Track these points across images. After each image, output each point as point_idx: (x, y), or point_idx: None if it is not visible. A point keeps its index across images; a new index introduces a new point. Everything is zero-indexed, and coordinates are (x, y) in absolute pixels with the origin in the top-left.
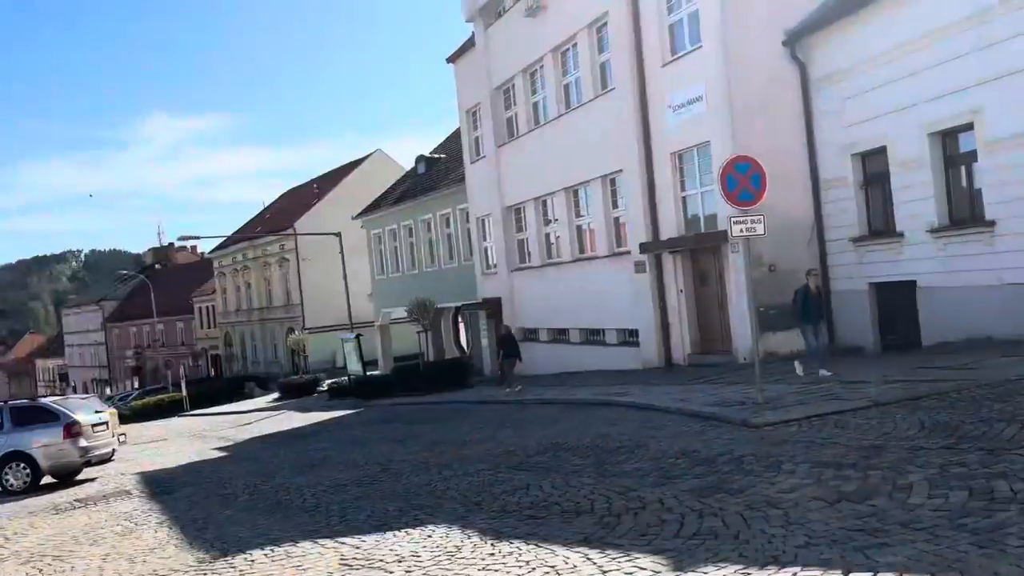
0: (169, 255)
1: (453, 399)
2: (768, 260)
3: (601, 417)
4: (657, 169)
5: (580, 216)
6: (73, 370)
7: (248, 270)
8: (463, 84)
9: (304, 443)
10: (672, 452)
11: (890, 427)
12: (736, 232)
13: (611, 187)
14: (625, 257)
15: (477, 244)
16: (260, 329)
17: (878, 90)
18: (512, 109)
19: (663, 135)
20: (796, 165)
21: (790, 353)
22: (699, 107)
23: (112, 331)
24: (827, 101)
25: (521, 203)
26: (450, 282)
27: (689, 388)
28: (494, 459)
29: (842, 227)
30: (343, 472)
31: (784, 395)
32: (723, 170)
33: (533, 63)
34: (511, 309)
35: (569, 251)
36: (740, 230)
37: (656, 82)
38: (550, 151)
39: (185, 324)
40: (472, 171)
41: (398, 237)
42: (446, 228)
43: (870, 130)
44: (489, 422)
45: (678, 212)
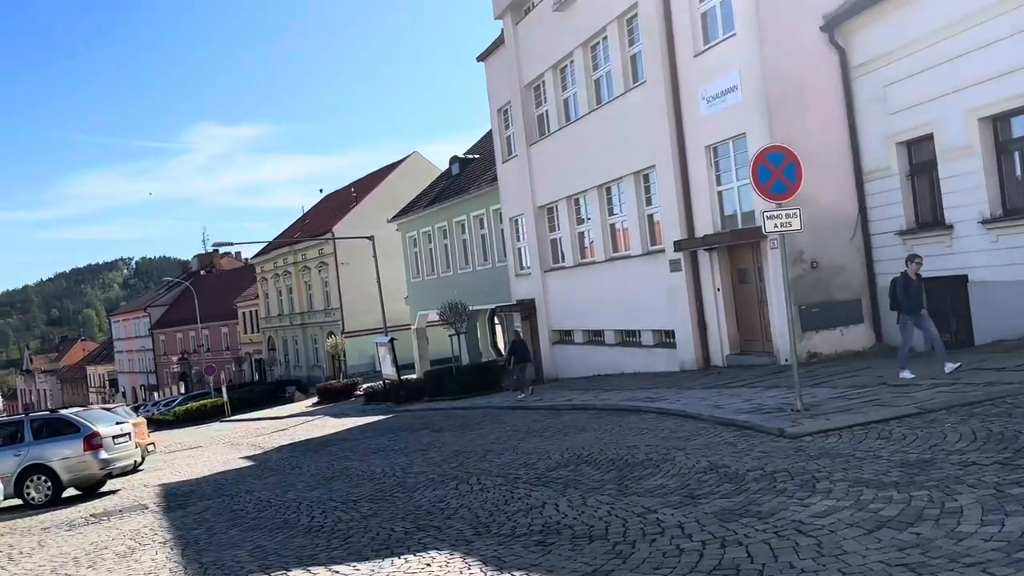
0: (214, 261)
1: (485, 404)
2: (809, 256)
3: (630, 425)
4: (691, 163)
5: (613, 214)
6: (122, 376)
7: (289, 275)
8: (494, 83)
9: (329, 452)
10: (700, 467)
11: (939, 438)
12: (770, 228)
13: (644, 183)
14: (659, 255)
15: (510, 245)
16: (301, 333)
17: (922, 75)
18: (543, 106)
19: (697, 128)
20: (837, 156)
21: (834, 353)
22: (733, 97)
23: (159, 337)
24: (869, 88)
25: (553, 202)
26: (485, 284)
27: (725, 392)
28: (514, 472)
29: (888, 220)
30: (359, 486)
31: (826, 401)
32: (755, 161)
33: (563, 58)
34: (545, 310)
35: (602, 250)
36: (775, 225)
37: (688, 73)
38: (581, 148)
39: (230, 329)
40: (504, 171)
41: (433, 239)
42: (480, 229)
43: (915, 117)
44: (517, 430)
45: (714, 208)
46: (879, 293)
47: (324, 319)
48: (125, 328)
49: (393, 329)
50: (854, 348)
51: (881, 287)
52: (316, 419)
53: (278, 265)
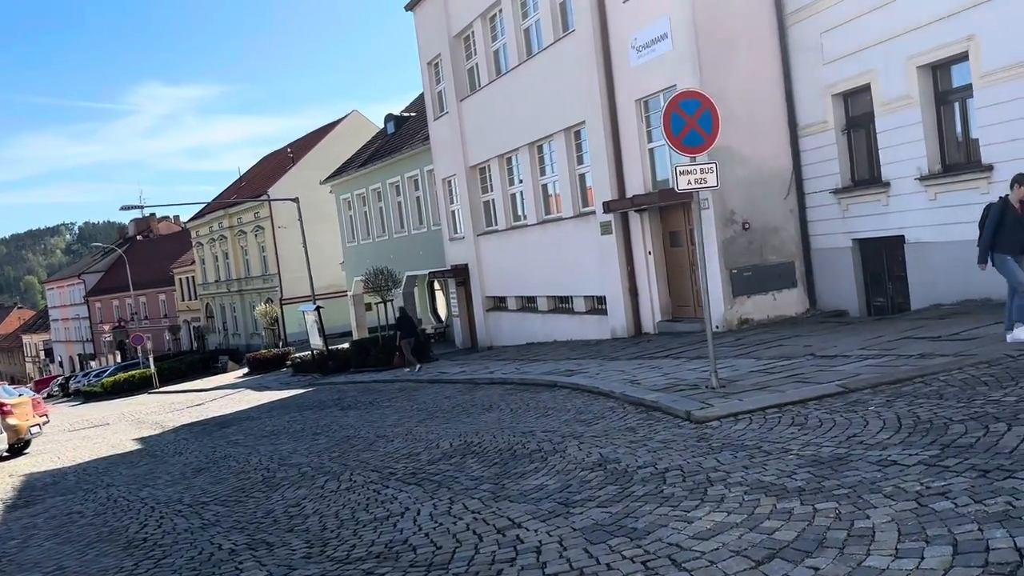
0: (151, 225)
1: (406, 376)
2: (741, 216)
3: (539, 404)
4: (622, 119)
5: (544, 174)
6: (58, 345)
7: (225, 240)
8: (424, 34)
9: (223, 434)
10: (589, 461)
11: (859, 426)
12: (683, 184)
13: (575, 141)
14: (591, 218)
15: (444, 207)
16: (239, 300)
17: (859, 20)
18: (473, 59)
19: (626, 80)
20: (772, 110)
21: (766, 319)
22: (664, 46)
23: (94, 305)
24: (804, 36)
25: (485, 162)
26: (421, 248)
27: (648, 364)
28: (393, 465)
29: (823, 178)
30: (221, 481)
31: (745, 375)
32: (667, 108)
33: (492, 5)
34: (479, 276)
35: (534, 213)
36: (688, 182)
37: (618, 20)
38: (512, 104)
39: (167, 296)
40: (435, 128)
41: (367, 201)
42: (415, 191)
43: (851, 67)
44: (422, 409)
45: (645, 167)
46: (813, 256)
47: (262, 285)
48: (60, 295)
49: (332, 296)
50: (787, 314)
51: (816, 249)
52: (237, 392)
53: (213, 230)
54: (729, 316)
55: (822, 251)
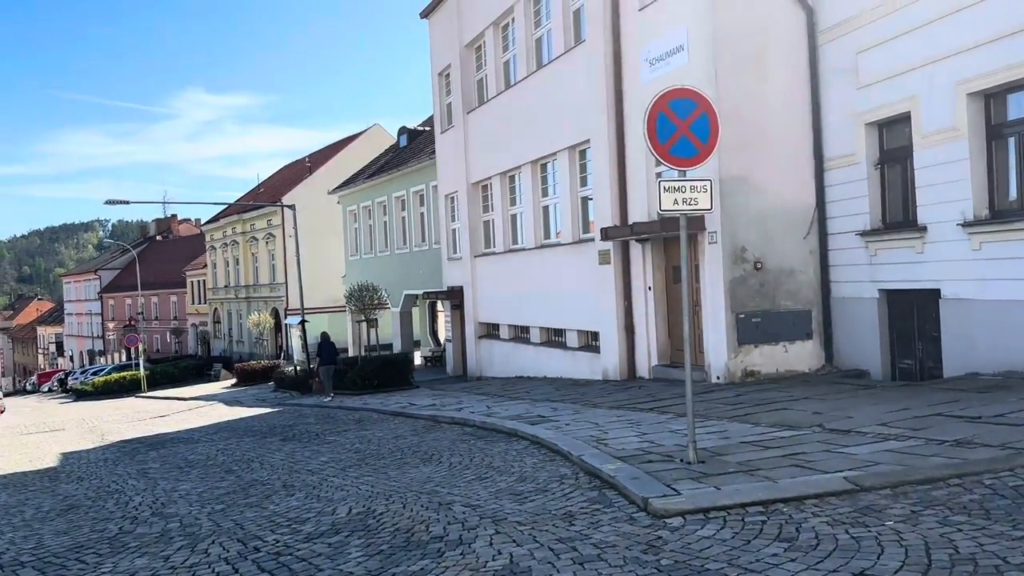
0: (171, 226)
1: (377, 405)
2: (754, 255)
3: (486, 459)
4: (629, 139)
5: (546, 195)
6: (70, 339)
7: (237, 245)
8: (436, 43)
9: (145, 459)
10: (491, 568)
11: (870, 553)
12: (668, 204)
13: (580, 161)
14: (590, 245)
15: (445, 225)
16: (246, 307)
17: (901, 39)
18: (483, 70)
19: (637, 96)
20: (795, 137)
21: (775, 373)
22: (679, 59)
23: (107, 301)
24: (837, 56)
25: (488, 179)
26: (421, 266)
27: (627, 417)
28: (266, 534)
29: (850, 217)
30: (69, 532)
31: (734, 448)
32: (652, 108)
33: (504, 13)
34: (472, 300)
35: (533, 236)
36: (674, 201)
37: (632, 30)
38: (518, 118)
39: (179, 298)
40: (442, 142)
41: (373, 214)
42: (419, 206)
43: (890, 92)
44: (359, 451)
45: (650, 192)
46: (833, 304)
47: (268, 294)
48: (76, 290)
49: (337, 310)
50: (799, 368)
51: (837, 297)
52: (208, 406)
53: (227, 234)
54: (732, 367)
55: (843, 300)
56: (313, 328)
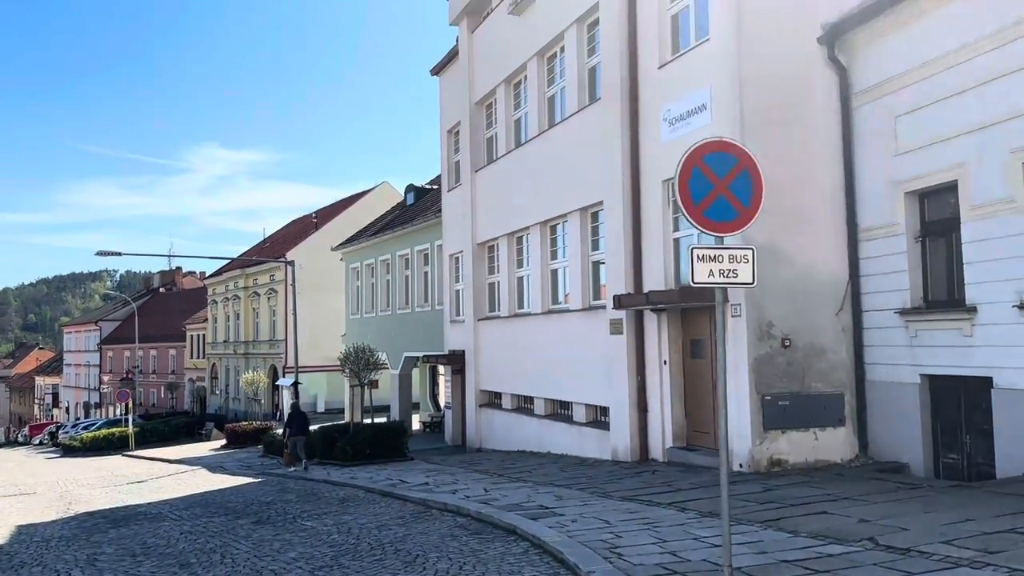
0: (175, 278)
1: (366, 481)
2: (782, 331)
3: (483, 565)
4: (645, 202)
5: (555, 258)
6: (67, 390)
7: (238, 299)
8: (447, 100)
9: (98, 541)
10: None
11: None
12: (703, 276)
13: (592, 223)
14: (600, 313)
15: (448, 286)
16: (244, 363)
17: (949, 102)
18: (493, 127)
19: (655, 156)
20: (827, 205)
21: (804, 463)
22: (702, 118)
23: (106, 353)
24: (874, 119)
25: (495, 239)
26: (423, 328)
27: (643, 514)
28: None
29: (887, 294)
30: None
31: (771, 568)
32: (684, 163)
33: (517, 71)
34: (474, 366)
35: (540, 301)
36: (709, 273)
37: (651, 88)
38: (528, 177)
39: (178, 352)
40: (448, 201)
41: (375, 273)
42: (423, 266)
43: (933, 159)
44: (337, 544)
45: (667, 258)
46: (868, 389)
47: (267, 351)
48: (76, 340)
49: (334, 370)
50: (831, 458)
51: (873, 380)
52: (191, 471)
53: (229, 288)
54: (757, 454)
55: (880, 384)
56: (310, 387)
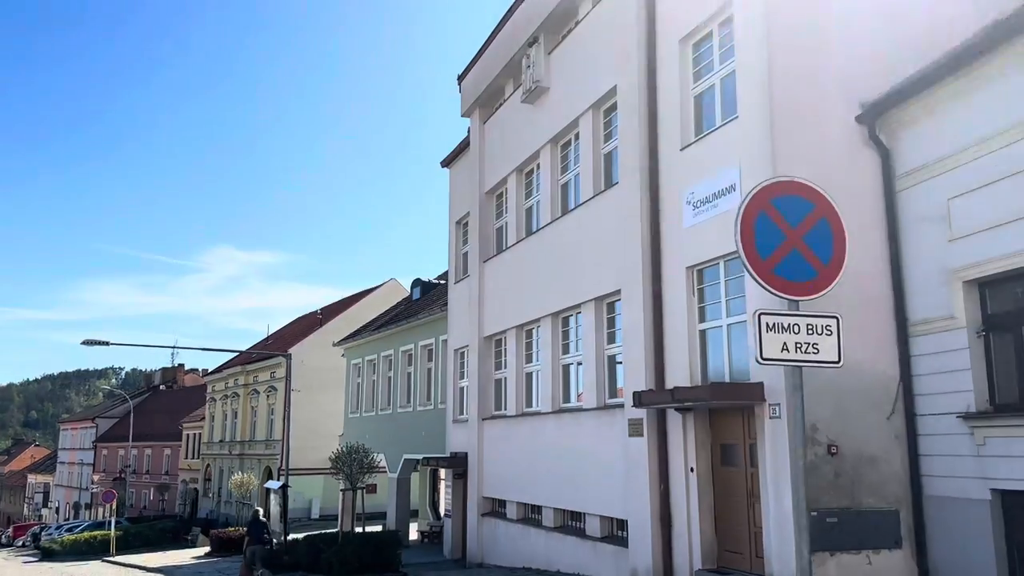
0: (176, 376)
1: None
2: (827, 436)
3: None
4: (667, 291)
5: (567, 352)
6: (59, 489)
7: (237, 397)
8: (456, 191)
9: None
10: None
11: None
12: (773, 352)
13: (607, 314)
14: (617, 412)
15: (452, 382)
16: (239, 464)
17: (1011, 180)
18: (503, 217)
19: (677, 242)
20: (872, 296)
21: None
22: (730, 201)
23: (101, 451)
24: (922, 202)
25: (502, 333)
26: (423, 428)
27: None
28: None
29: (945, 395)
30: None
31: None
32: (748, 206)
33: (529, 159)
34: (478, 470)
35: (550, 399)
36: (782, 347)
37: (672, 170)
38: (539, 266)
39: (173, 451)
40: (455, 293)
41: (377, 369)
42: (427, 362)
43: (996, 243)
44: None
45: (693, 352)
46: (927, 504)
47: (264, 451)
48: (72, 438)
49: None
50: None
51: (932, 496)
52: None
53: (228, 386)
54: None
55: (942, 500)
56: (306, 491)
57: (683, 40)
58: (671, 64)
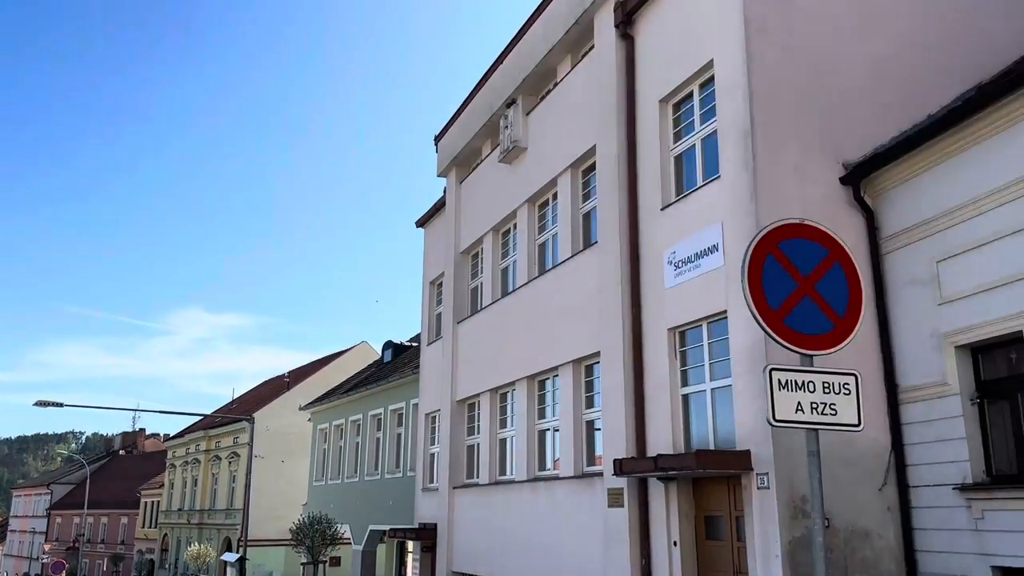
0: (138, 440)
1: None
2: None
3: None
4: (648, 353)
5: (543, 417)
6: (8, 559)
7: (198, 463)
8: (431, 251)
9: None
10: None
11: None
12: (787, 411)
13: (586, 377)
14: (596, 481)
15: (423, 449)
16: (198, 535)
17: (1003, 242)
18: (479, 277)
19: (658, 303)
20: (861, 359)
21: None
22: (712, 260)
23: (55, 519)
24: (910, 265)
25: (475, 396)
26: (392, 497)
27: None
28: None
29: (939, 465)
30: None
31: None
32: (756, 248)
33: (505, 219)
34: (447, 542)
35: (525, 466)
36: (796, 407)
37: (653, 230)
38: (515, 327)
39: (130, 520)
40: (427, 355)
41: (344, 435)
42: (397, 427)
43: (988, 307)
44: None
45: (675, 418)
46: None
47: (224, 520)
48: (25, 504)
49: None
50: None
51: (929, 573)
52: None
53: (189, 451)
54: None
55: None
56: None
57: (663, 100)
58: (651, 124)
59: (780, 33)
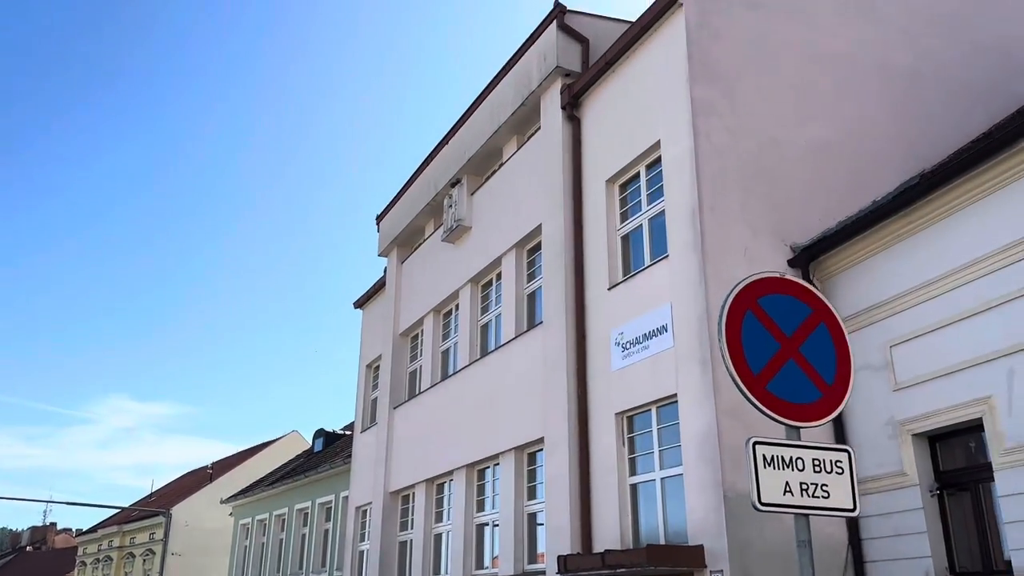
0: (48, 535)
1: None
2: None
3: None
4: (594, 438)
5: (482, 510)
6: None
7: (110, 561)
8: (368, 333)
9: None
10: None
11: None
12: (773, 493)
13: (528, 465)
14: None
15: (351, 546)
16: None
17: (959, 326)
18: (417, 360)
19: (605, 387)
20: None
21: None
22: (661, 342)
23: None
24: (863, 350)
25: (410, 488)
26: None
27: None
28: None
29: (900, 561)
30: None
31: None
32: (733, 303)
33: (447, 299)
34: None
35: (461, 565)
36: (784, 488)
37: (599, 311)
38: (454, 413)
39: None
40: (360, 443)
41: (268, 530)
42: (324, 522)
43: (946, 393)
44: None
45: (624, 509)
46: None
47: None
48: None
49: None
50: None
51: None
52: None
53: (102, 548)
54: None
55: None
56: None
57: (610, 180)
58: (598, 204)
59: (726, 115)
